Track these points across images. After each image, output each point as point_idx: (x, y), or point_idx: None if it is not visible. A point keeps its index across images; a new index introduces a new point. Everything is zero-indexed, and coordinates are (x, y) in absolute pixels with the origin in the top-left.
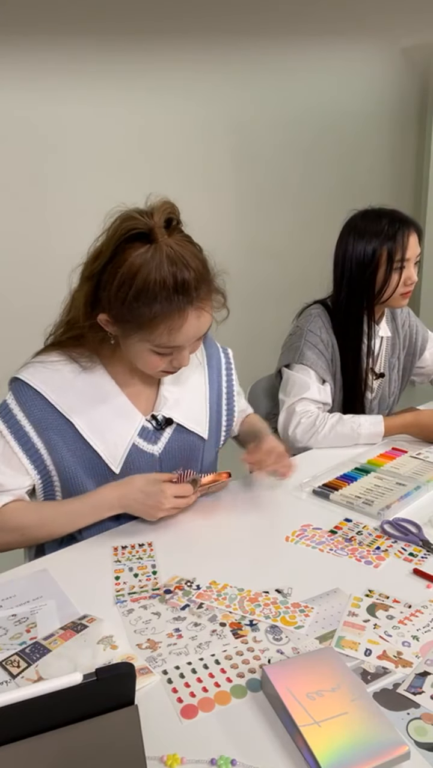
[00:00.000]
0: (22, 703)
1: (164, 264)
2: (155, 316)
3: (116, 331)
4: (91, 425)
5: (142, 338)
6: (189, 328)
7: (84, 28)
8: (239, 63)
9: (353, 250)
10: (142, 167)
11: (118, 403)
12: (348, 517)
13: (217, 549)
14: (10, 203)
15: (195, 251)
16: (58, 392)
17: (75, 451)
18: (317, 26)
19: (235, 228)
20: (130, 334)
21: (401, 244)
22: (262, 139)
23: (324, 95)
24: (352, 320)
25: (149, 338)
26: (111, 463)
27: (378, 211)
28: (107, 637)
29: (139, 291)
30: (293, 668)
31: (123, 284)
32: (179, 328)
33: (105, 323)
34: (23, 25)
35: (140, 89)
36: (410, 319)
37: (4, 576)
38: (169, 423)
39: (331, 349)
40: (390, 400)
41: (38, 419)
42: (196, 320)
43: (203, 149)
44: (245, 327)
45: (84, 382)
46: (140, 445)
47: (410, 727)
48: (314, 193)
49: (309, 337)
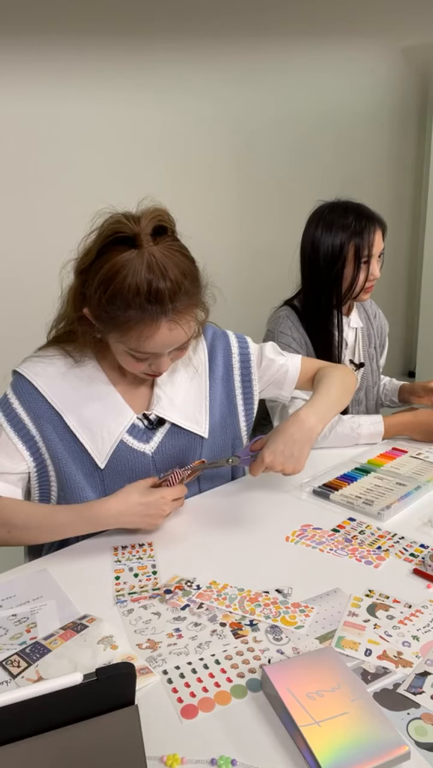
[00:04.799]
0: (22, 703)
1: (142, 271)
2: (128, 320)
3: (99, 326)
4: (81, 419)
5: (117, 339)
6: (160, 338)
7: (82, 27)
8: (238, 62)
9: (320, 241)
10: (141, 167)
11: (110, 398)
12: (351, 516)
13: (217, 549)
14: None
15: (181, 262)
16: (50, 385)
17: (65, 442)
18: (317, 26)
19: (235, 228)
20: (107, 333)
21: (367, 241)
22: (262, 138)
23: (324, 95)
24: (322, 316)
25: (122, 340)
26: (97, 458)
27: (345, 204)
28: (107, 637)
29: (115, 294)
30: (293, 668)
31: (101, 284)
32: (150, 336)
33: (89, 317)
34: (22, 22)
35: (140, 88)
36: (380, 313)
37: (4, 576)
38: (162, 423)
39: (305, 346)
40: (375, 390)
41: (32, 409)
42: (168, 332)
43: (203, 149)
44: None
45: (76, 376)
46: (129, 443)
47: (410, 727)
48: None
49: (281, 338)
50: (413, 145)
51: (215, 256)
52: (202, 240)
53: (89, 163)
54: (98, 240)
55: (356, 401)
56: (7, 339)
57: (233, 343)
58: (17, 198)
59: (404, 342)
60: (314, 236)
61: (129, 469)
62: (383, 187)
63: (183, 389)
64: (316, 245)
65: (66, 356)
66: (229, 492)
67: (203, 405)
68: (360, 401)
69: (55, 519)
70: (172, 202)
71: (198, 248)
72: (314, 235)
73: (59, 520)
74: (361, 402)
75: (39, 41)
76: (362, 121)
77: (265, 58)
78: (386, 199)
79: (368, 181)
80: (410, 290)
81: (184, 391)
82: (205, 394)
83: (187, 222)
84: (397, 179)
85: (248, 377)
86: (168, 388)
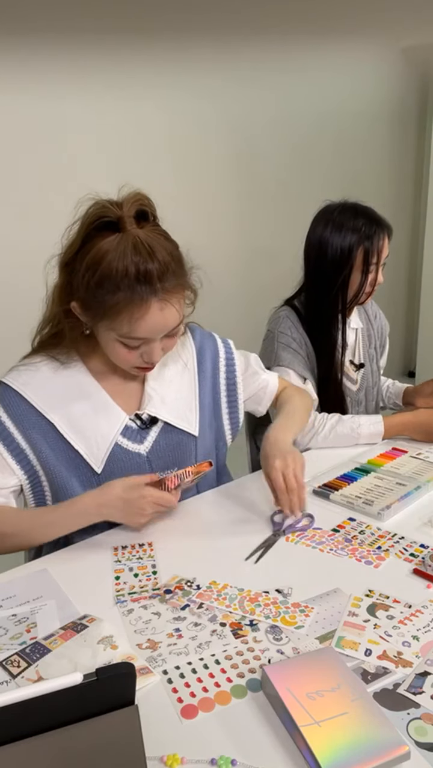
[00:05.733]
0: (22, 703)
1: (129, 253)
2: (117, 303)
3: (87, 319)
4: (71, 424)
5: (107, 327)
6: (152, 318)
7: (82, 26)
8: (238, 62)
9: (329, 242)
10: (141, 166)
11: (99, 400)
12: (351, 516)
13: (217, 549)
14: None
15: (166, 244)
16: (37, 391)
17: (57, 450)
18: (317, 26)
19: (234, 228)
20: (97, 322)
21: (376, 247)
22: (261, 138)
23: (324, 95)
24: (324, 317)
25: (113, 327)
26: (93, 463)
27: (354, 207)
28: (107, 637)
29: (103, 278)
30: (293, 668)
31: (88, 270)
32: (141, 318)
33: (76, 311)
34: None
35: (139, 88)
36: (380, 314)
37: (4, 576)
38: (154, 422)
39: (305, 347)
40: (374, 390)
41: (20, 419)
42: (160, 312)
43: (203, 149)
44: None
45: (63, 379)
46: (124, 445)
47: (410, 727)
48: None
49: (281, 338)
50: (413, 145)
51: (215, 255)
52: (201, 240)
53: (89, 163)
54: (82, 228)
55: (356, 402)
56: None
57: (219, 346)
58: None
59: (404, 342)
60: (321, 236)
61: (125, 470)
62: (383, 186)
63: (174, 386)
64: (324, 245)
65: (52, 360)
66: (229, 492)
67: (194, 403)
68: (360, 402)
69: (43, 519)
70: (172, 202)
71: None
72: (322, 234)
73: (47, 519)
74: (361, 402)
75: (39, 41)
76: (362, 121)
77: (265, 58)
78: (386, 198)
79: (368, 181)
80: (410, 290)
81: (175, 388)
82: (196, 392)
83: (187, 221)
84: (397, 179)
85: (233, 382)
86: (158, 384)
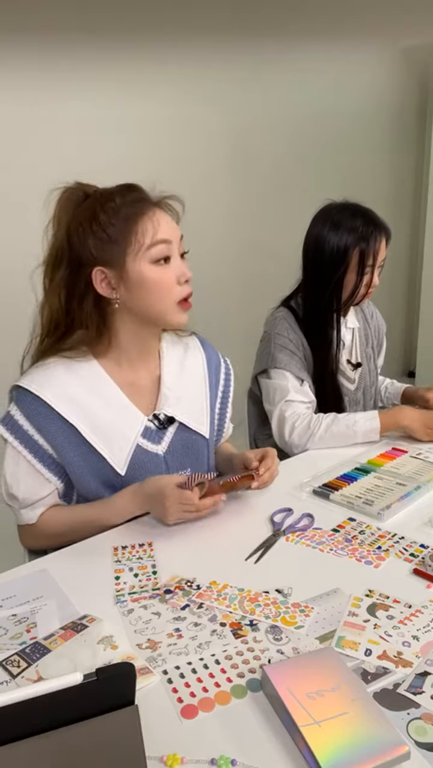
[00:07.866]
0: (22, 703)
1: (111, 191)
2: (129, 219)
3: (114, 277)
4: (93, 427)
5: (135, 255)
6: (163, 217)
7: (82, 25)
8: (238, 62)
9: (326, 240)
10: (141, 166)
11: (117, 401)
12: (351, 516)
13: (217, 549)
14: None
15: None
16: (58, 395)
17: (80, 453)
18: (317, 26)
19: (234, 227)
20: (125, 262)
21: (373, 249)
22: (261, 138)
23: (324, 95)
24: (320, 317)
25: (140, 244)
26: (116, 465)
27: (354, 207)
28: (107, 637)
29: (108, 216)
30: (293, 668)
31: (92, 224)
32: (157, 220)
33: (101, 279)
34: (22, 22)
35: (139, 87)
36: (377, 313)
37: (4, 576)
38: (171, 421)
39: (302, 348)
40: (372, 390)
41: (42, 425)
42: (164, 215)
43: (202, 148)
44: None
45: (78, 378)
46: (144, 446)
47: (410, 727)
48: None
49: (278, 340)
50: (413, 145)
51: (214, 255)
52: (200, 239)
53: (89, 162)
54: (61, 215)
55: (354, 401)
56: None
57: (221, 362)
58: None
59: (404, 342)
60: (319, 233)
61: (144, 471)
62: (383, 187)
63: (188, 388)
64: (321, 243)
65: (66, 359)
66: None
67: (205, 405)
68: (358, 401)
69: (92, 519)
70: None
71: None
72: (320, 232)
73: (95, 518)
74: (359, 402)
75: (39, 40)
76: (361, 121)
77: (265, 57)
78: (385, 199)
79: (368, 181)
80: (410, 290)
81: (188, 389)
82: (207, 395)
83: (186, 221)
84: (396, 179)
85: (226, 398)
86: (174, 385)
